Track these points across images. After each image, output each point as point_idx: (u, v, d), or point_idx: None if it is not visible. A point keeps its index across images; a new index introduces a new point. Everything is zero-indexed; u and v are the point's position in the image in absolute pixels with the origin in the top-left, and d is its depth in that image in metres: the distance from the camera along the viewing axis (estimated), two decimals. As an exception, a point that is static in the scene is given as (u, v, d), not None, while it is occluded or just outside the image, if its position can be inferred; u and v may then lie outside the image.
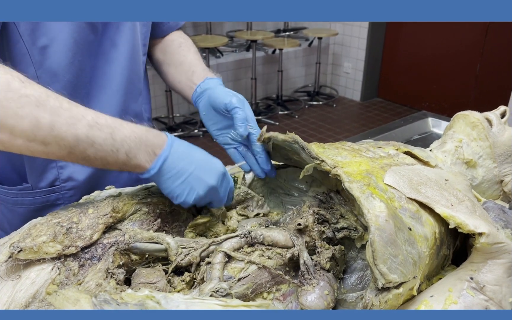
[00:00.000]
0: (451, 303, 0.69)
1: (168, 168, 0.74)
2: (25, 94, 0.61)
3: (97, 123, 0.67)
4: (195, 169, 0.76)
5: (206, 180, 0.77)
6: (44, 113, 0.62)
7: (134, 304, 0.51)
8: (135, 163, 0.71)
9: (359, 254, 0.87)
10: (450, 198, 0.78)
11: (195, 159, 0.77)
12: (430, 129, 1.74)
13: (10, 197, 0.98)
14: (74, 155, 0.66)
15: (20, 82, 0.62)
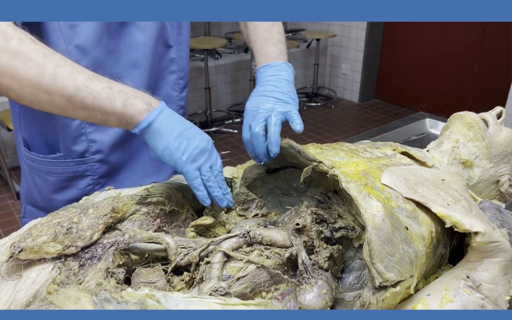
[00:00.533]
0: (447, 301, 0.70)
1: (163, 121, 0.77)
2: (34, 49, 0.69)
3: (96, 77, 0.73)
4: (190, 128, 0.79)
5: (200, 138, 0.80)
6: (49, 64, 0.69)
7: (134, 302, 0.52)
8: (131, 112, 0.75)
9: (357, 253, 0.87)
10: (446, 197, 0.79)
11: (187, 122, 0.81)
12: (428, 130, 1.75)
13: (44, 166, 1.04)
14: (74, 104, 0.72)
15: (31, 40, 0.70)
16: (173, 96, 1.14)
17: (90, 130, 1.02)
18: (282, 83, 0.94)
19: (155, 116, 0.77)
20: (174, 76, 1.12)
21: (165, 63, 1.08)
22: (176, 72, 1.12)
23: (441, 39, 4.49)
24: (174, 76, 1.12)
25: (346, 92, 5.42)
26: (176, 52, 1.09)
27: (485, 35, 4.16)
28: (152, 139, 0.78)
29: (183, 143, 0.78)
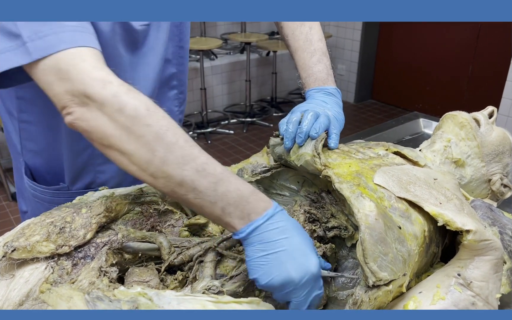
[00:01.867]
0: (439, 299, 0.71)
1: (257, 238, 0.67)
2: (147, 123, 0.63)
3: (204, 169, 0.65)
4: (283, 252, 0.66)
5: (288, 269, 0.66)
6: (159, 147, 0.63)
7: (126, 301, 0.52)
8: (227, 221, 0.67)
9: (349, 253, 0.88)
10: (438, 196, 0.80)
11: (289, 243, 0.67)
12: (422, 129, 1.76)
13: (46, 196, 1.01)
14: (176, 194, 0.66)
15: (146, 109, 0.64)
16: (174, 111, 1.13)
17: (99, 162, 1.00)
18: (333, 104, 0.95)
19: (248, 232, 0.67)
20: (175, 91, 1.10)
21: (166, 78, 1.06)
22: (177, 87, 1.10)
23: (436, 40, 4.51)
24: (174, 91, 1.10)
25: (342, 93, 5.36)
26: (176, 66, 1.07)
27: (480, 36, 4.18)
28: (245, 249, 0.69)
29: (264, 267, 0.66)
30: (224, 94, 4.89)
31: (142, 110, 0.64)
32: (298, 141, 0.85)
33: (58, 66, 0.65)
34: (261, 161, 1.09)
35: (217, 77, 4.71)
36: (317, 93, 0.97)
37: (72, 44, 0.65)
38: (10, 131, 1.02)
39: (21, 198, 1.13)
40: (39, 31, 0.65)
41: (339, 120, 0.92)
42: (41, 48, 0.65)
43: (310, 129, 0.84)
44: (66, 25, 0.66)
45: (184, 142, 0.66)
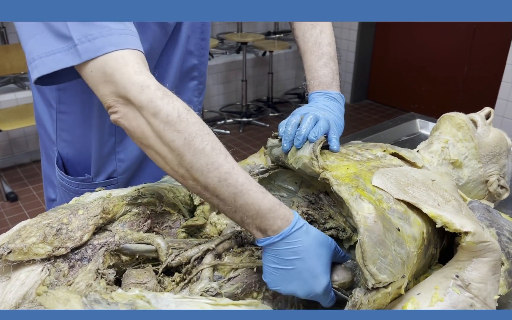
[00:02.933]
0: (437, 300, 0.71)
1: (272, 252, 0.69)
2: (177, 129, 0.67)
3: (226, 179, 0.67)
4: (293, 270, 0.68)
5: (294, 286, 0.70)
6: (187, 153, 0.67)
7: (124, 303, 0.51)
8: (247, 228, 0.71)
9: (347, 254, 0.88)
10: (437, 198, 0.80)
11: (301, 264, 0.68)
12: (418, 130, 1.76)
13: (72, 186, 1.06)
14: (204, 196, 0.70)
15: (178, 116, 0.68)
16: (194, 101, 1.15)
17: (119, 149, 1.05)
18: (335, 109, 0.95)
19: (265, 244, 0.69)
20: (195, 82, 1.13)
21: (188, 69, 1.09)
22: (197, 78, 1.13)
23: (432, 40, 4.53)
24: (195, 82, 1.13)
25: (338, 93, 5.43)
26: (198, 58, 1.10)
27: (475, 37, 4.20)
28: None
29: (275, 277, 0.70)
30: (220, 94, 4.89)
31: (174, 116, 0.67)
32: (296, 144, 0.85)
33: (104, 68, 0.69)
34: (259, 162, 1.09)
35: (213, 77, 4.70)
36: (320, 96, 0.97)
37: (118, 46, 0.69)
38: (45, 121, 1.06)
39: (50, 186, 1.17)
40: (89, 34, 0.69)
41: (338, 125, 0.93)
42: (90, 50, 0.69)
43: (309, 133, 0.85)
44: (113, 28, 0.71)
45: (211, 149, 0.68)
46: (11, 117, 3.18)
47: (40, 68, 0.71)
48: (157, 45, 0.95)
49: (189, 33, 1.03)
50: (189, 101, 1.14)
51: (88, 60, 0.69)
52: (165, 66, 1.01)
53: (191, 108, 0.81)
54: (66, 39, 0.70)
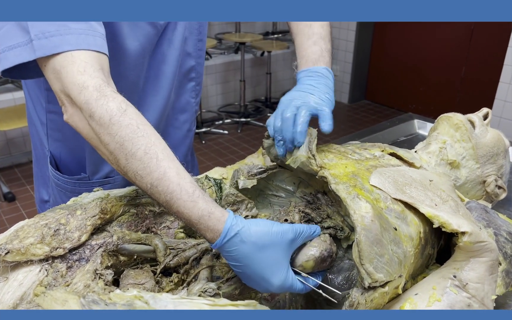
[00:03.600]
0: (435, 300, 0.71)
1: (224, 253, 0.68)
2: (109, 133, 0.66)
3: (157, 186, 0.66)
4: (241, 273, 0.68)
5: (252, 284, 0.69)
6: (121, 157, 0.66)
7: (122, 304, 0.51)
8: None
9: (345, 254, 0.88)
10: (434, 198, 0.80)
11: (244, 270, 0.67)
12: (416, 130, 1.77)
13: (68, 186, 1.05)
14: (152, 195, 0.68)
15: (109, 119, 0.66)
16: (191, 103, 1.15)
17: None
18: (320, 85, 0.90)
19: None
20: (193, 83, 1.12)
21: (186, 71, 1.09)
22: (194, 79, 1.12)
23: (430, 41, 4.53)
24: (193, 83, 1.12)
25: (336, 93, 5.39)
26: (195, 59, 1.09)
27: (473, 37, 4.21)
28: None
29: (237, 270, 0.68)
30: (219, 94, 4.88)
31: (105, 119, 0.66)
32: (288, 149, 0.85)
33: (54, 66, 0.69)
34: (257, 162, 1.09)
35: (211, 77, 4.70)
36: (305, 76, 0.92)
37: (74, 46, 0.69)
38: (36, 121, 1.06)
39: (43, 188, 1.16)
40: (46, 31, 0.69)
41: (326, 101, 0.88)
42: (45, 47, 0.69)
43: (294, 136, 0.83)
44: (72, 27, 0.70)
45: (143, 154, 0.66)
46: (8, 117, 3.18)
47: (3, 61, 0.72)
48: (148, 44, 0.94)
49: (186, 34, 1.03)
50: (186, 102, 1.14)
51: (42, 56, 0.69)
52: (160, 66, 1.00)
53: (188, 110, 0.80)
54: (26, 34, 0.70)
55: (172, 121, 1.13)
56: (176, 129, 1.16)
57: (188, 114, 1.17)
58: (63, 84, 0.68)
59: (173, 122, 1.14)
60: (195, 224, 0.66)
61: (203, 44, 1.10)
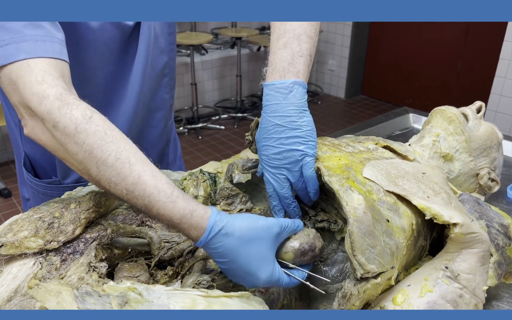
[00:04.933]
0: (427, 291, 0.71)
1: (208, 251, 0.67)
2: (76, 142, 0.64)
3: (133, 191, 0.64)
4: (228, 270, 0.67)
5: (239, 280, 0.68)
6: (91, 166, 0.64)
7: (116, 295, 0.52)
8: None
9: (339, 246, 0.88)
10: (426, 190, 0.81)
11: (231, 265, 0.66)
12: (411, 124, 1.78)
13: (40, 188, 1.04)
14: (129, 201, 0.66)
15: (75, 128, 0.64)
16: (165, 98, 1.14)
17: None
18: (291, 117, 0.77)
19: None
20: (166, 78, 1.11)
21: (160, 68, 1.07)
22: (167, 75, 1.11)
23: (426, 36, 4.54)
24: (166, 79, 1.11)
25: (333, 88, 5.45)
26: (168, 54, 1.08)
27: (469, 33, 4.22)
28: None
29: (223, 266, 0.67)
30: (215, 89, 4.88)
31: (71, 128, 0.63)
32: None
33: (10, 76, 0.66)
34: (252, 156, 1.09)
35: (207, 72, 4.69)
36: (270, 94, 0.78)
37: (30, 54, 0.66)
38: (10, 121, 1.04)
39: (23, 186, 1.15)
40: (1, 39, 0.66)
41: (307, 139, 0.78)
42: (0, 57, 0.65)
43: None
44: (28, 34, 0.67)
45: (114, 160, 0.64)
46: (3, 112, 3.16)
47: None
48: (115, 45, 0.92)
49: (158, 32, 1.01)
50: (162, 99, 1.12)
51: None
52: (129, 67, 0.97)
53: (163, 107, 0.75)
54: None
55: (148, 121, 1.12)
56: (153, 128, 1.14)
57: (163, 111, 1.15)
58: (21, 96, 0.65)
59: (149, 122, 1.12)
60: (177, 224, 0.65)
61: (174, 37, 1.09)
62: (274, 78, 0.79)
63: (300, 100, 0.77)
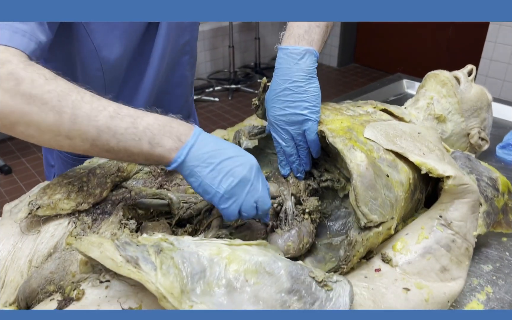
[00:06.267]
0: (423, 238, 0.79)
1: (196, 155, 0.68)
2: (48, 90, 0.62)
3: (118, 113, 0.65)
4: (225, 158, 0.69)
5: (239, 170, 0.69)
6: (66, 107, 0.62)
7: (151, 245, 0.58)
8: (159, 153, 0.67)
9: (342, 203, 0.96)
10: (422, 148, 0.88)
11: (225, 148, 0.70)
12: (405, 90, 1.84)
13: (69, 160, 1.11)
14: (97, 147, 0.65)
15: (45, 79, 0.63)
16: (187, 75, 1.17)
17: None
18: (298, 82, 0.83)
19: (185, 154, 0.68)
20: (187, 56, 1.13)
21: (181, 45, 1.10)
22: (189, 53, 1.13)
23: (417, 1, 4.55)
24: (187, 57, 1.14)
25: (325, 57, 5.47)
26: (190, 33, 1.10)
27: None
28: (186, 176, 0.70)
29: (218, 177, 0.68)
30: (208, 61, 4.88)
31: (40, 80, 0.63)
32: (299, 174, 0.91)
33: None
34: (256, 124, 1.15)
35: (199, 44, 4.68)
36: (283, 58, 0.85)
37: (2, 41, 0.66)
38: None
39: (48, 153, 1.21)
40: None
41: (311, 105, 0.84)
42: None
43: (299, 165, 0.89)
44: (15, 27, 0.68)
45: (90, 97, 0.65)
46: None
47: None
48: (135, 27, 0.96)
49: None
50: (183, 76, 1.16)
51: None
52: (151, 41, 1.01)
53: (184, 84, 0.77)
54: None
55: (167, 96, 1.15)
56: (172, 103, 1.18)
57: (183, 88, 1.19)
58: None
59: (169, 97, 1.16)
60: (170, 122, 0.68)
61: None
62: (289, 43, 0.85)
63: (309, 67, 0.84)
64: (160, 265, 0.55)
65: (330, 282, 0.62)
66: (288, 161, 0.90)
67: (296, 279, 0.60)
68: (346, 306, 0.60)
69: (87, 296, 0.59)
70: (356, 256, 0.75)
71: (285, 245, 0.81)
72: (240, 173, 0.69)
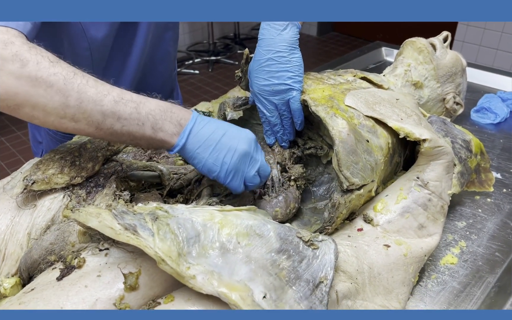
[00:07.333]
0: (402, 199, 0.84)
1: (196, 138, 0.72)
2: (53, 72, 0.63)
3: (122, 98, 0.67)
4: (224, 135, 0.73)
5: (240, 145, 0.74)
6: (71, 91, 0.64)
7: (147, 213, 0.61)
8: (161, 137, 0.70)
9: (325, 169, 1.00)
10: (400, 113, 0.92)
11: (223, 127, 0.74)
12: (384, 58, 1.88)
13: (57, 137, 1.12)
14: (102, 131, 0.67)
15: (49, 61, 0.64)
16: (170, 52, 1.18)
17: None
18: (281, 53, 0.86)
19: (186, 137, 0.72)
20: (170, 32, 1.15)
21: (164, 22, 1.11)
22: (172, 29, 1.15)
23: (395, -32, 4.56)
24: (170, 33, 1.15)
25: (304, 26, 5.44)
26: None
27: (436, -37, 4.26)
28: (189, 159, 0.74)
29: (219, 156, 0.73)
30: (186, 33, 4.82)
31: (45, 63, 0.63)
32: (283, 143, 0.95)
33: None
34: (240, 95, 1.17)
35: (178, 16, 4.61)
36: (266, 27, 0.88)
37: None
38: None
39: (35, 129, 1.22)
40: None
41: (294, 74, 0.87)
42: None
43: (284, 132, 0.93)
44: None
45: (94, 81, 0.67)
46: None
47: None
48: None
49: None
50: (166, 51, 1.17)
51: None
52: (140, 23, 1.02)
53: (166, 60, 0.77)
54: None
55: (151, 72, 1.17)
56: (156, 79, 1.20)
57: (166, 63, 1.21)
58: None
59: (152, 73, 1.17)
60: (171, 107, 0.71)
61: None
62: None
63: (292, 38, 0.88)
64: (157, 231, 0.59)
65: (316, 241, 0.66)
66: (273, 131, 0.94)
67: (284, 239, 0.65)
68: (331, 263, 0.65)
69: (88, 263, 0.62)
70: (340, 218, 0.80)
71: (273, 210, 0.85)
72: (240, 149, 0.74)
